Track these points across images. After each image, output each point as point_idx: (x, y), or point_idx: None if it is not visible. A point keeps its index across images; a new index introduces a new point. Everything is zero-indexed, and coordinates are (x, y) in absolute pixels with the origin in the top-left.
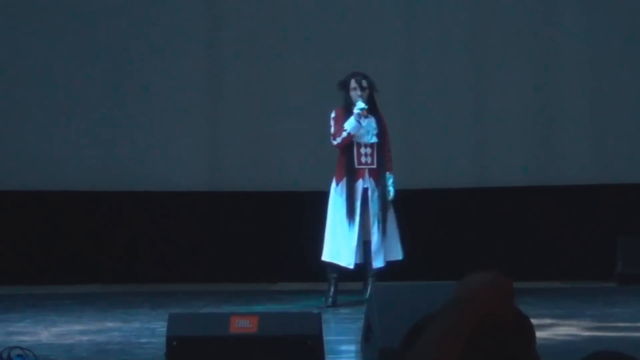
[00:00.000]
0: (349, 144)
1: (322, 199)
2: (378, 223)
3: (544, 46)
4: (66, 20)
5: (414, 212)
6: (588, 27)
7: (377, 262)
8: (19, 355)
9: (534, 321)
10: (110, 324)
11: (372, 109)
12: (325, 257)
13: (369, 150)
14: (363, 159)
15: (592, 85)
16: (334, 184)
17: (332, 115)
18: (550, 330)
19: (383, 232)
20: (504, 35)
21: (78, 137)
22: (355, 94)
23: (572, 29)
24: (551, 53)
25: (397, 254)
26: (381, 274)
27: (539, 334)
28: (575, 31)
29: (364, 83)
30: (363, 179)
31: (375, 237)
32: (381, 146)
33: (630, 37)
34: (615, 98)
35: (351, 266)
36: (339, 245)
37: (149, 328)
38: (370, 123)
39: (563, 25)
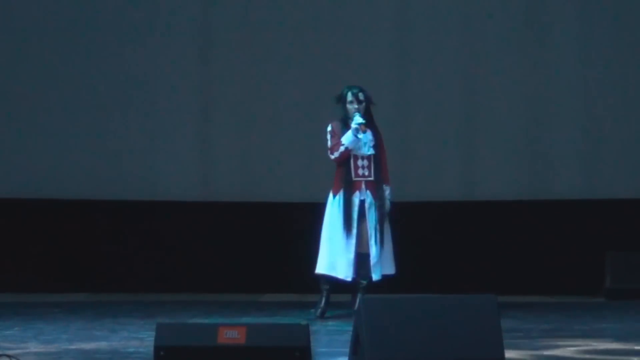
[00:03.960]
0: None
1: (313, 210)
2: (376, 235)
3: (535, 61)
4: (60, 29)
5: (403, 224)
6: (580, 42)
7: (375, 275)
8: None
9: (522, 335)
10: (98, 333)
11: (368, 122)
12: (321, 269)
13: (366, 162)
14: (360, 171)
15: (582, 100)
16: (330, 197)
17: (329, 129)
18: (539, 345)
19: (381, 244)
20: (495, 50)
21: (69, 146)
22: (352, 107)
23: (564, 45)
24: (542, 68)
25: (390, 269)
26: (370, 286)
27: (527, 349)
28: (567, 46)
29: (361, 96)
30: (360, 191)
31: (373, 250)
32: (378, 158)
33: (622, 54)
34: (605, 113)
35: (349, 279)
36: (335, 257)
37: (137, 337)
38: (367, 135)
39: (555, 40)
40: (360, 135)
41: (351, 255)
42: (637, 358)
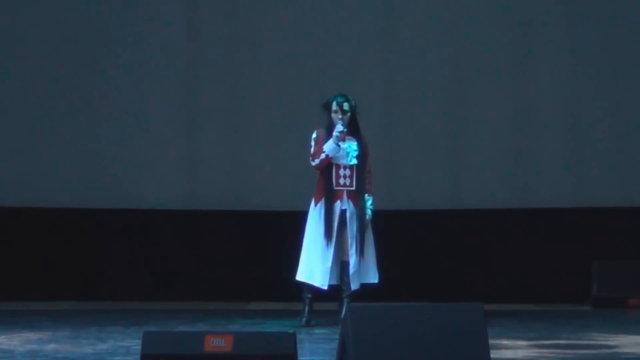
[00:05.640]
0: (328, 165)
1: (298, 218)
2: (356, 245)
3: (521, 71)
4: (45, 39)
5: (389, 233)
6: (566, 52)
7: (354, 285)
8: None
9: (508, 344)
10: (84, 342)
11: (354, 131)
12: (300, 277)
13: (348, 172)
14: (342, 181)
15: (569, 109)
16: (312, 205)
17: (313, 135)
18: (525, 353)
19: (361, 254)
20: (481, 59)
21: (55, 155)
22: (336, 116)
23: (551, 54)
24: (528, 77)
25: (373, 277)
26: (356, 294)
27: (514, 358)
28: (553, 56)
29: (345, 106)
30: (341, 201)
31: (353, 259)
32: (361, 168)
33: (609, 62)
34: (591, 122)
35: (325, 287)
36: (313, 265)
37: (123, 346)
38: (350, 145)
39: (541, 49)
40: (343, 145)
41: (329, 263)
42: None
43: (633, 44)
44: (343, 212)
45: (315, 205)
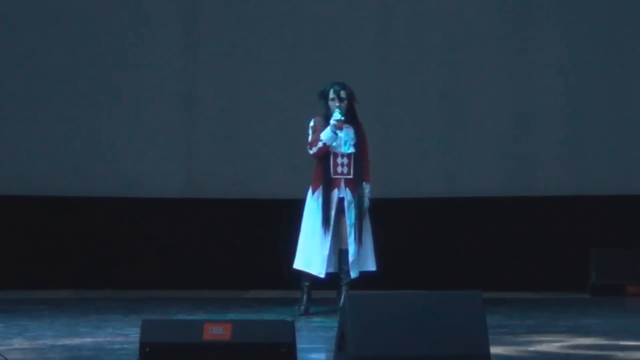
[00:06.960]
0: (326, 153)
1: (297, 207)
2: (355, 233)
3: (519, 57)
4: (47, 27)
5: (387, 221)
6: (564, 39)
7: (353, 273)
8: None
9: (507, 331)
10: (83, 330)
11: (351, 119)
12: (297, 265)
13: (345, 160)
14: (339, 169)
15: (567, 97)
16: (309, 193)
17: (311, 124)
18: (523, 341)
19: (359, 242)
20: (479, 46)
21: (54, 144)
22: (333, 104)
23: (548, 41)
24: (526, 64)
25: (371, 265)
26: (355, 282)
27: (512, 345)
28: (551, 43)
29: (342, 94)
30: (339, 189)
31: (352, 247)
32: (358, 156)
33: (605, 51)
34: (590, 109)
35: (322, 275)
36: (311, 253)
37: (122, 334)
38: (348, 133)
39: (539, 37)
40: (340, 133)
41: (326, 252)
42: (621, 353)
43: (632, 37)
44: (341, 200)
45: (313, 193)
